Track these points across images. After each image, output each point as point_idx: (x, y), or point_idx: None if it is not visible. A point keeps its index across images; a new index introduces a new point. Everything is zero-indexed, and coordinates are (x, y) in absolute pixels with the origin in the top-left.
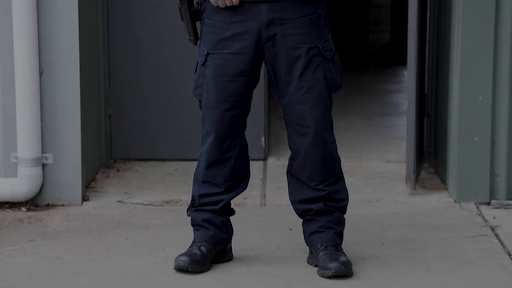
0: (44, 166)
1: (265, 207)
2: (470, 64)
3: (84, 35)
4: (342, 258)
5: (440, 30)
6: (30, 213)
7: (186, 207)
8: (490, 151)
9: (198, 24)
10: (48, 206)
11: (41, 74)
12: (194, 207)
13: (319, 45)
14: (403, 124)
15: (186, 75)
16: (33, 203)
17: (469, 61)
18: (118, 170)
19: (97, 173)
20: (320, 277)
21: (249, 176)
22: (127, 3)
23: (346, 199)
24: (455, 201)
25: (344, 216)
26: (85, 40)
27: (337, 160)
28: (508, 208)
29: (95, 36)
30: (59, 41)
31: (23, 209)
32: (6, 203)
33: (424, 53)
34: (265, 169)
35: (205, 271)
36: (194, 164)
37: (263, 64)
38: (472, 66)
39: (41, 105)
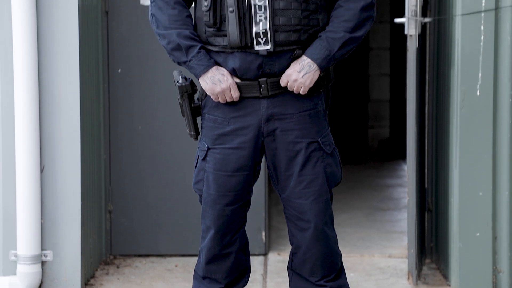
0: (43, 263)
1: None
2: (469, 158)
3: (85, 131)
4: None
5: (438, 125)
6: None
7: None
8: (492, 247)
9: (198, 119)
10: None
11: (42, 170)
12: None
13: (319, 139)
14: (404, 218)
15: (186, 170)
16: None
17: (468, 156)
18: (117, 267)
19: (96, 270)
20: None
21: (249, 272)
22: (128, 98)
23: None
24: None
25: None
26: (87, 136)
27: (338, 255)
28: None
29: (96, 132)
30: (60, 137)
31: None
32: None
33: (424, 148)
34: (265, 264)
35: None
36: (194, 260)
37: (263, 159)
38: (472, 160)
39: (41, 202)
